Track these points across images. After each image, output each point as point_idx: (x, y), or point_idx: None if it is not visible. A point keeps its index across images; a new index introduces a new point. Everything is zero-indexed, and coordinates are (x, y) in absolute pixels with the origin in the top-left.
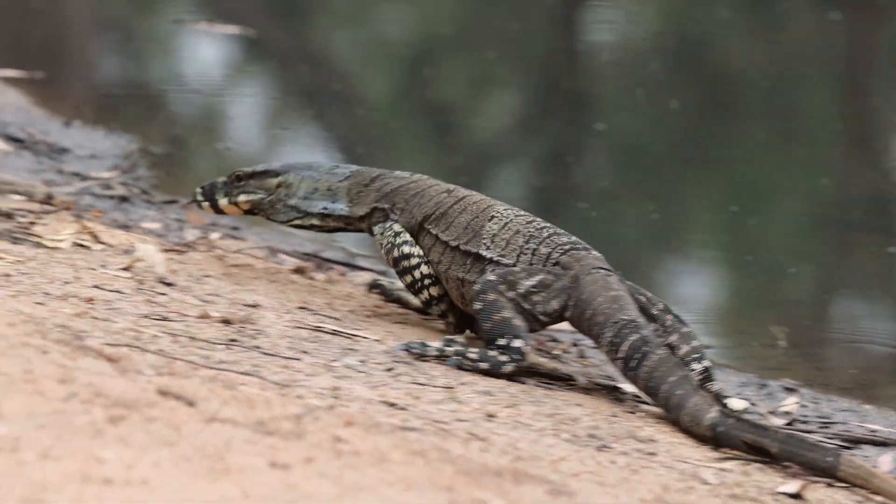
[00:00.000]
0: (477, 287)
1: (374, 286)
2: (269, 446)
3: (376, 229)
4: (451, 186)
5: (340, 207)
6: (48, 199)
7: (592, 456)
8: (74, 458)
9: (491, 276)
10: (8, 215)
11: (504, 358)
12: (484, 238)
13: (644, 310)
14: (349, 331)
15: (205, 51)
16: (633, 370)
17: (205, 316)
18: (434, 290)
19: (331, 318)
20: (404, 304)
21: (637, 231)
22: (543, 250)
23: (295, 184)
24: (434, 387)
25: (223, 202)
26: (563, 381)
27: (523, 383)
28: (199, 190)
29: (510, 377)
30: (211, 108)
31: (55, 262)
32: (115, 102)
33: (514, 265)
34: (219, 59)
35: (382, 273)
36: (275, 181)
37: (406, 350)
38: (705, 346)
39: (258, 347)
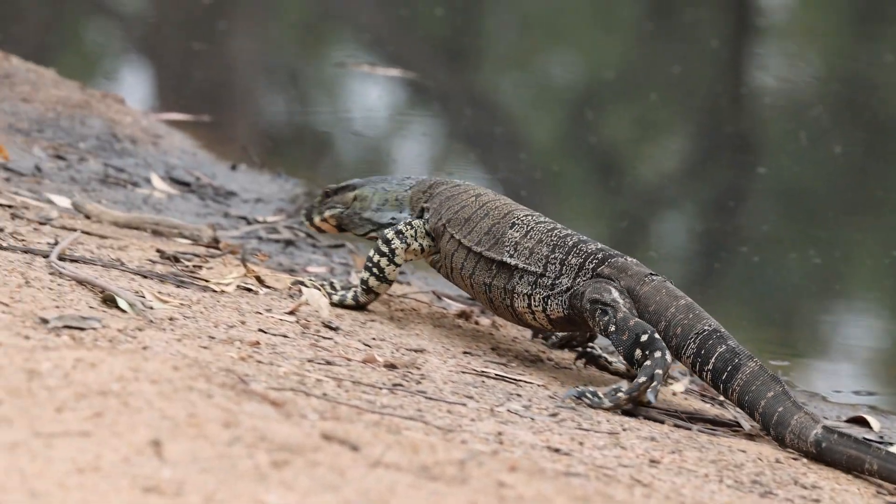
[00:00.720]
0: (598, 317)
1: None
2: (433, 492)
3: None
4: (482, 191)
5: (405, 216)
6: (214, 243)
7: (756, 502)
8: (238, 502)
9: (605, 307)
10: (174, 259)
11: (658, 353)
12: (506, 245)
13: None
14: (513, 376)
15: (368, 94)
16: (725, 383)
17: (369, 360)
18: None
19: (495, 363)
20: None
21: (799, 276)
22: (574, 260)
23: (369, 196)
24: (598, 432)
25: (317, 219)
26: (728, 426)
27: (688, 429)
28: (303, 211)
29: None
30: (375, 150)
31: (220, 306)
32: (280, 146)
33: (543, 274)
34: (382, 101)
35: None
36: (351, 195)
37: (577, 397)
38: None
39: (422, 392)
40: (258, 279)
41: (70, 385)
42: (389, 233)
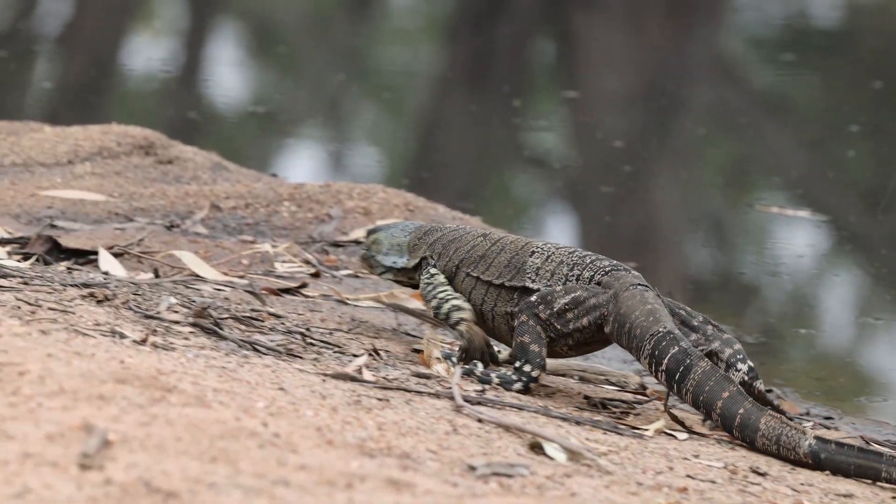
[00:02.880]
0: (517, 310)
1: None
2: None
3: (421, 278)
4: (488, 231)
5: (403, 261)
6: (641, 389)
7: None
8: None
9: (532, 297)
10: (601, 405)
11: (515, 377)
12: (528, 272)
13: (685, 322)
14: None
15: (781, 236)
16: (679, 383)
17: None
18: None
19: None
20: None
21: None
22: (587, 274)
23: (381, 240)
24: None
25: (357, 260)
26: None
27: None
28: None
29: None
30: (793, 293)
31: (648, 452)
32: (702, 290)
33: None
34: (795, 244)
35: None
36: (370, 238)
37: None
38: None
39: None
40: (683, 425)
41: None
42: (432, 290)
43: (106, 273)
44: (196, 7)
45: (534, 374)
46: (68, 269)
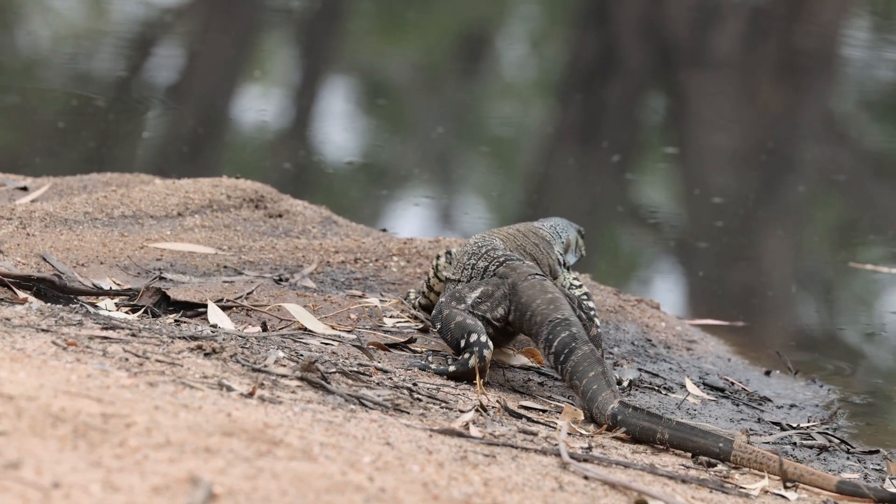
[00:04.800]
0: (434, 311)
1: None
2: None
3: None
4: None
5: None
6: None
7: None
8: None
9: (442, 298)
10: (708, 464)
11: (466, 355)
12: (454, 263)
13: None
14: None
15: (885, 293)
16: (562, 364)
17: None
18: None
19: None
20: None
21: None
22: (481, 264)
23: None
24: None
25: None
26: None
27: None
28: None
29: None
30: None
31: None
32: (813, 351)
33: (460, 281)
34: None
35: None
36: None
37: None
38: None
39: None
40: (790, 484)
41: None
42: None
43: (214, 326)
44: (307, 60)
45: (483, 338)
46: (176, 321)
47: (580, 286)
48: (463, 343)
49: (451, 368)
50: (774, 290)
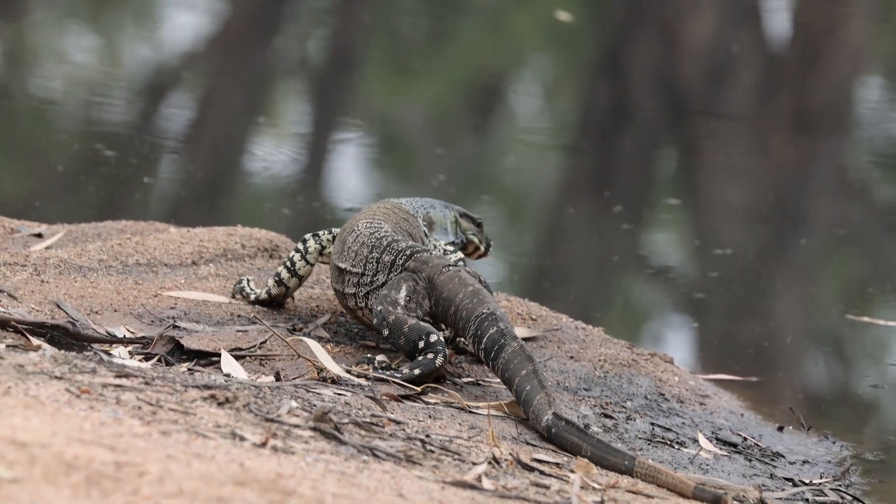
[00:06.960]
0: (375, 320)
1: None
2: None
3: None
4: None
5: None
6: None
7: None
8: None
9: (378, 306)
10: None
11: (430, 355)
12: (345, 252)
13: None
14: None
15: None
16: (493, 360)
17: None
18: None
19: None
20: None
21: None
22: (387, 258)
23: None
24: None
25: None
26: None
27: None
28: None
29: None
30: None
31: None
32: (826, 407)
33: (364, 274)
34: None
35: None
36: None
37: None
38: None
39: None
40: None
41: None
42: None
43: (227, 375)
44: (320, 110)
45: (440, 338)
46: (190, 370)
47: (455, 251)
48: (422, 344)
49: (417, 371)
50: (787, 345)
